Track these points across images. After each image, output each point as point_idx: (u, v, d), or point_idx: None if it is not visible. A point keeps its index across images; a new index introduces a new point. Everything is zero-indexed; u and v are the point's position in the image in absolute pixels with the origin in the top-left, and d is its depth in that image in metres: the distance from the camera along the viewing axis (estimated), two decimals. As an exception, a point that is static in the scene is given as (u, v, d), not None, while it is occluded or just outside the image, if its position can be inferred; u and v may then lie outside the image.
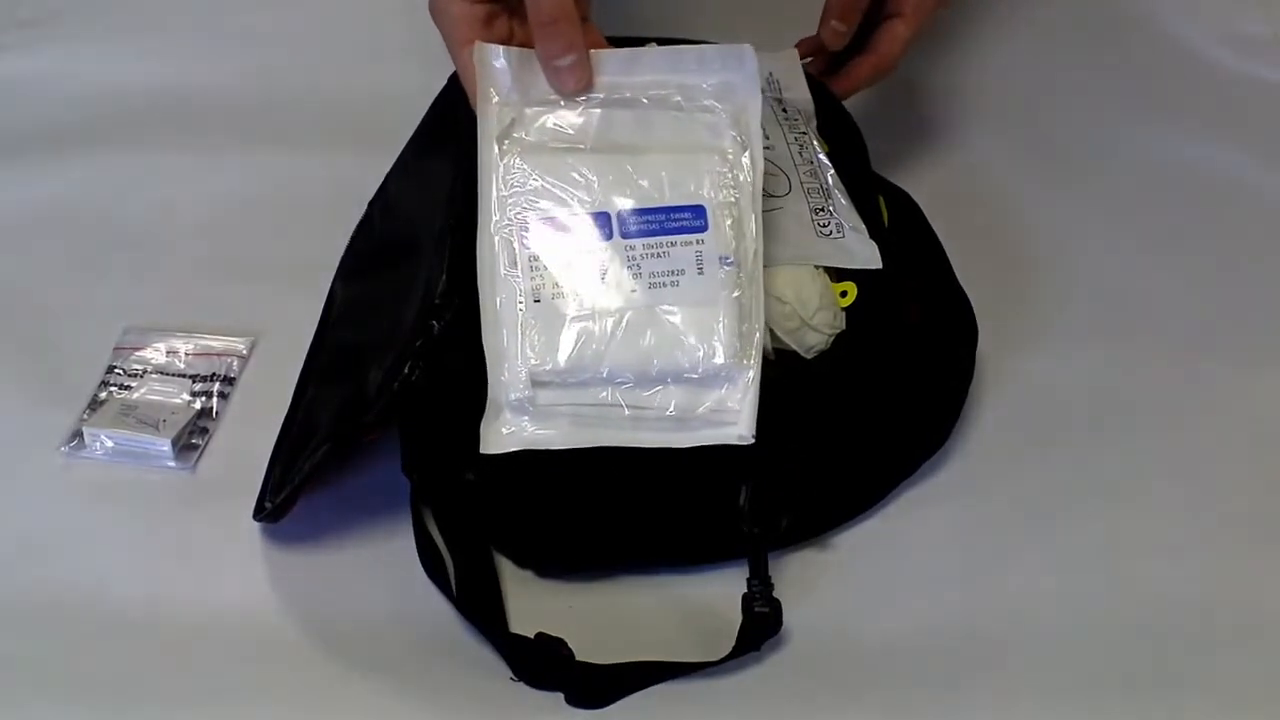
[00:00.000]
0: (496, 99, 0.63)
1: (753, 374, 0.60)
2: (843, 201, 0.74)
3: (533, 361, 0.59)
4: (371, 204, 0.83)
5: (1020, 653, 0.70)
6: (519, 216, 0.60)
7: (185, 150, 0.99)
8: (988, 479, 0.77)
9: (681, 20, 0.91)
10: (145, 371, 0.83)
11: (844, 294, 0.71)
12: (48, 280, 0.90)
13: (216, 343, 0.84)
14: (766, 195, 0.71)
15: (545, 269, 0.60)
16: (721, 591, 0.71)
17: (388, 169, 0.82)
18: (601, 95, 0.63)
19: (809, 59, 0.83)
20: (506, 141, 0.61)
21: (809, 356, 0.70)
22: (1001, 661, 0.70)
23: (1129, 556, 0.74)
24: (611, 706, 0.67)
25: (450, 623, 0.71)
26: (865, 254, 0.72)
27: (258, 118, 1.01)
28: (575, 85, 0.64)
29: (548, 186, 0.60)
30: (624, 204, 0.60)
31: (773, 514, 0.69)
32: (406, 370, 0.68)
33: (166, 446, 0.78)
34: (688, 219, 0.60)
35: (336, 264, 0.83)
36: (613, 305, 0.59)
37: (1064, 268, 0.89)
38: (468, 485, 0.73)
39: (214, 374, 0.83)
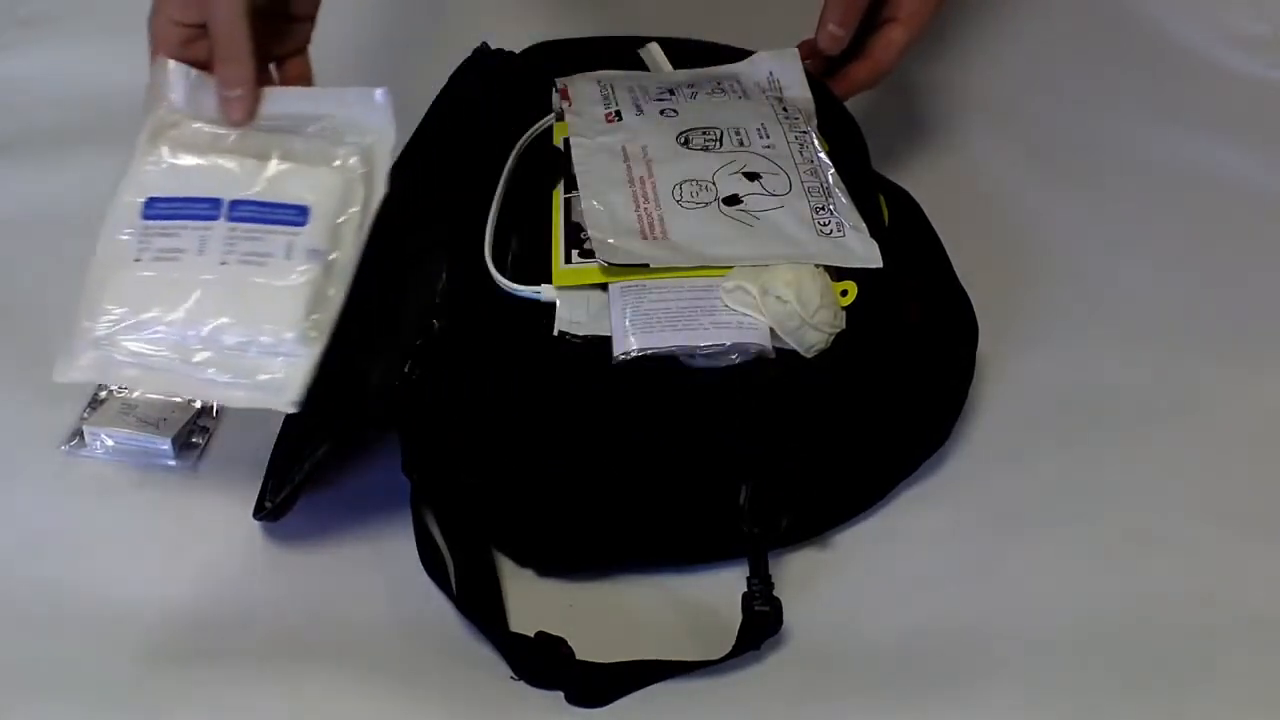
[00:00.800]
0: (164, 107, 0.73)
1: (316, 350, 0.68)
2: (843, 200, 0.74)
3: (118, 310, 0.68)
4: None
5: (1020, 652, 0.70)
6: (144, 187, 0.71)
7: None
8: (988, 479, 0.77)
9: (685, 20, 0.90)
10: (145, 371, 0.83)
11: (844, 293, 0.71)
12: (48, 280, 0.89)
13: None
14: (767, 194, 0.71)
15: (154, 236, 0.70)
16: (721, 591, 0.71)
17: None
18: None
19: (807, 60, 0.83)
20: (162, 136, 0.72)
21: (809, 355, 0.70)
22: (1001, 660, 0.70)
23: (1128, 556, 0.74)
24: (611, 706, 0.67)
25: (450, 622, 0.71)
26: (866, 253, 0.72)
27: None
28: (238, 116, 0.73)
29: (177, 171, 0.71)
30: (237, 194, 0.70)
31: (773, 514, 0.70)
32: (406, 370, 0.68)
33: (167, 445, 0.78)
34: (291, 215, 0.69)
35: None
36: (202, 274, 0.68)
37: (1064, 268, 0.89)
38: (467, 485, 0.73)
39: (214, 373, 0.83)
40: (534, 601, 0.72)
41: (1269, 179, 0.95)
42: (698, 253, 0.71)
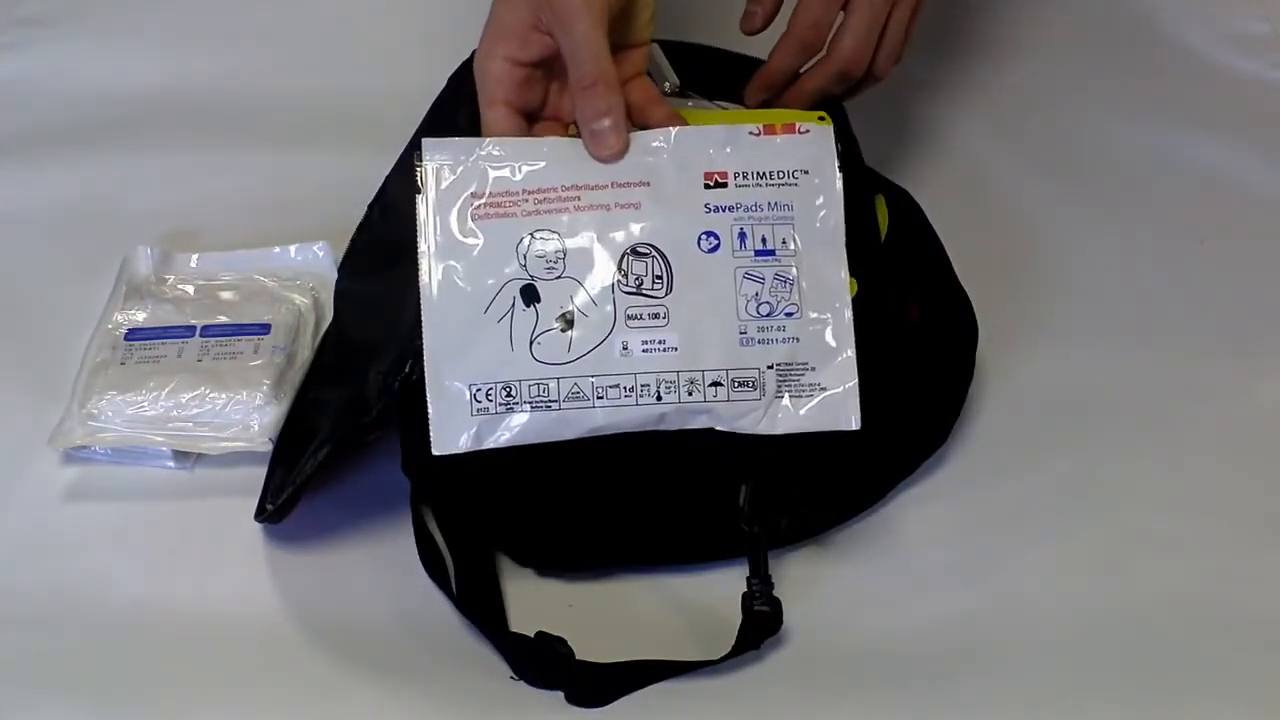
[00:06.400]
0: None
1: (284, 405, 0.79)
2: None
3: (108, 392, 0.79)
4: (371, 204, 0.82)
5: (1019, 651, 0.70)
6: (121, 325, 0.83)
7: (185, 150, 0.99)
8: (988, 479, 0.77)
9: (685, 20, 0.90)
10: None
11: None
12: (48, 280, 0.90)
13: (216, 343, 0.87)
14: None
15: (136, 350, 0.81)
16: (721, 591, 0.71)
17: (388, 169, 0.82)
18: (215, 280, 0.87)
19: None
20: (132, 297, 0.85)
21: (809, 356, 0.70)
22: (1001, 660, 0.70)
23: (1128, 556, 0.74)
24: (611, 705, 0.67)
25: (450, 622, 0.71)
26: None
27: (258, 118, 1.01)
28: (611, 150, 0.67)
29: (159, 312, 0.83)
30: (207, 321, 0.83)
31: (773, 514, 0.69)
32: (407, 370, 0.68)
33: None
34: (255, 329, 0.82)
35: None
36: (181, 369, 0.80)
37: (1064, 268, 0.89)
38: (467, 485, 0.73)
39: (213, 374, 0.85)
40: (534, 601, 0.72)
41: (1269, 179, 0.95)
42: None
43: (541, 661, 0.68)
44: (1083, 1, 1.10)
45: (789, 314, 0.67)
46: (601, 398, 0.65)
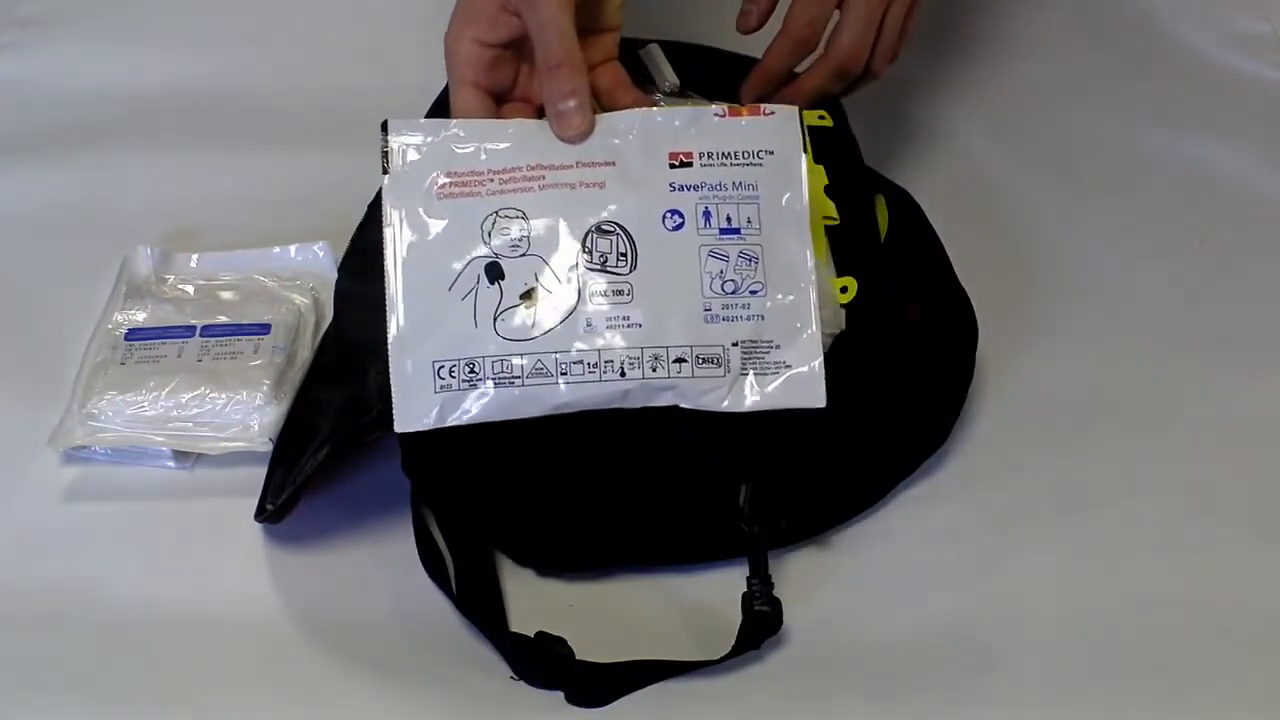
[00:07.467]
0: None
1: (284, 405, 0.79)
2: None
3: (108, 392, 0.79)
4: (372, 204, 0.82)
5: (1019, 652, 0.70)
6: (121, 325, 0.84)
7: (185, 150, 0.99)
8: (988, 479, 0.77)
9: (686, 21, 0.90)
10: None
11: (844, 289, 0.71)
12: (48, 280, 0.90)
13: (216, 343, 0.87)
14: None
15: (136, 350, 0.81)
16: (721, 591, 0.71)
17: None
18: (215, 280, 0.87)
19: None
20: (132, 296, 0.86)
21: (809, 356, 0.70)
22: (1001, 660, 0.70)
23: (1128, 556, 0.74)
24: (611, 706, 0.67)
25: (450, 622, 0.71)
26: None
27: (258, 118, 1.01)
28: (575, 130, 0.67)
29: (159, 312, 0.84)
30: (208, 321, 0.83)
31: (773, 514, 0.69)
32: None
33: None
34: (255, 329, 0.82)
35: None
36: (181, 369, 0.80)
37: (1064, 267, 0.89)
38: (467, 485, 0.73)
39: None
40: (534, 601, 0.72)
41: (1269, 179, 0.95)
42: None
43: (541, 661, 0.68)
44: (1083, 1, 1.10)
45: (754, 291, 0.67)
46: (565, 373, 0.65)
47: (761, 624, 0.68)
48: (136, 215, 0.93)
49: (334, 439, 0.71)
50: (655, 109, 0.69)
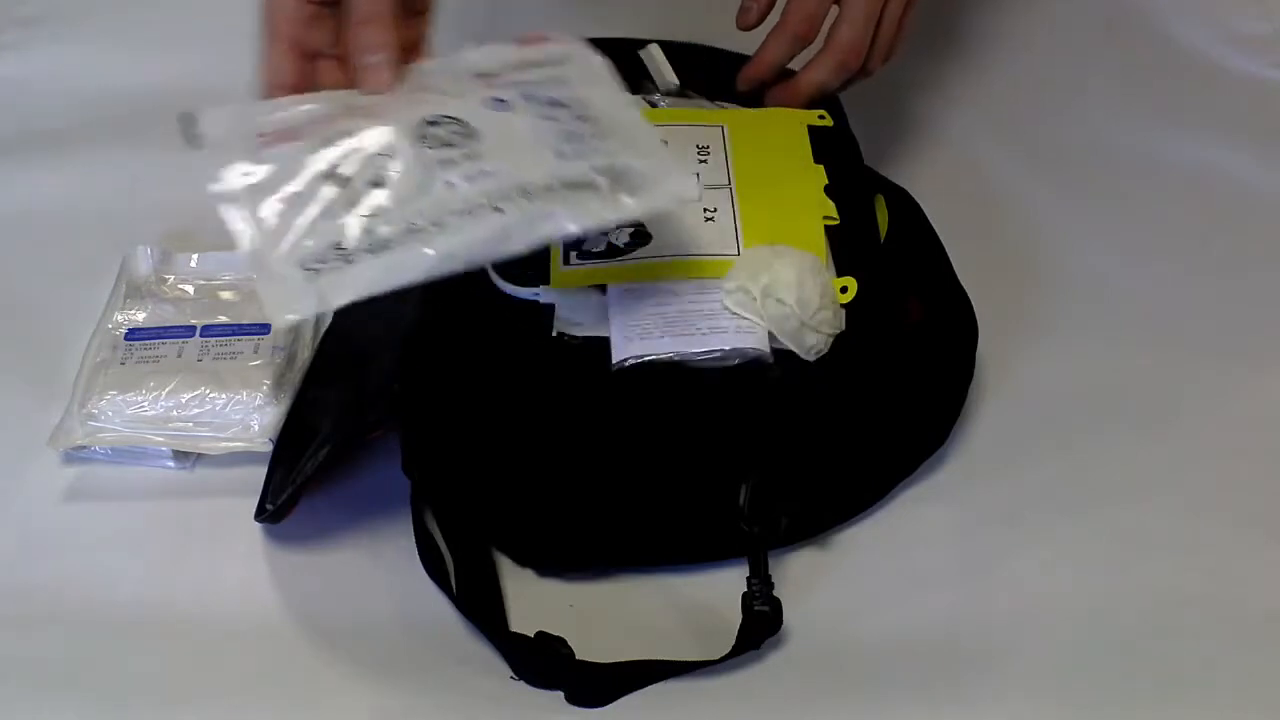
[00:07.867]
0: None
1: (284, 405, 0.79)
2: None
3: (108, 392, 0.79)
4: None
5: (1020, 652, 0.70)
6: (120, 325, 0.84)
7: (185, 150, 0.98)
8: (988, 479, 0.77)
9: (686, 21, 0.90)
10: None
11: (844, 289, 0.71)
12: (48, 280, 0.90)
13: (216, 343, 0.87)
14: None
15: (135, 350, 0.81)
16: (721, 591, 0.71)
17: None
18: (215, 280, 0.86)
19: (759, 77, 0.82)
20: (132, 297, 0.86)
21: (809, 357, 0.70)
22: (1001, 661, 0.70)
23: (1128, 556, 0.74)
24: (611, 705, 0.67)
25: (450, 622, 0.71)
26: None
27: (258, 118, 1.00)
28: (379, 82, 0.67)
29: (159, 312, 0.84)
30: (208, 321, 0.83)
31: (773, 514, 0.70)
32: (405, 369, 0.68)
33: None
34: (255, 329, 0.82)
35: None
36: (181, 369, 0.80)
37: (1064, 268, 0.89)
38: (467, 485, 0.73)
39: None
40: (534, 601, 0.72)
41: (1269, 179, 0.95)
42: None
43: (541, 661, 0.68)
44: (1083, 1, 1.10)
45: (596, 137, 0.67)
46: (439, 224, 0.63)
47: (761, 624, 0.68)
48: (136, 215, 0.93)
49: (334, 439, 0.71)
50: (453, 54, 0.71)
